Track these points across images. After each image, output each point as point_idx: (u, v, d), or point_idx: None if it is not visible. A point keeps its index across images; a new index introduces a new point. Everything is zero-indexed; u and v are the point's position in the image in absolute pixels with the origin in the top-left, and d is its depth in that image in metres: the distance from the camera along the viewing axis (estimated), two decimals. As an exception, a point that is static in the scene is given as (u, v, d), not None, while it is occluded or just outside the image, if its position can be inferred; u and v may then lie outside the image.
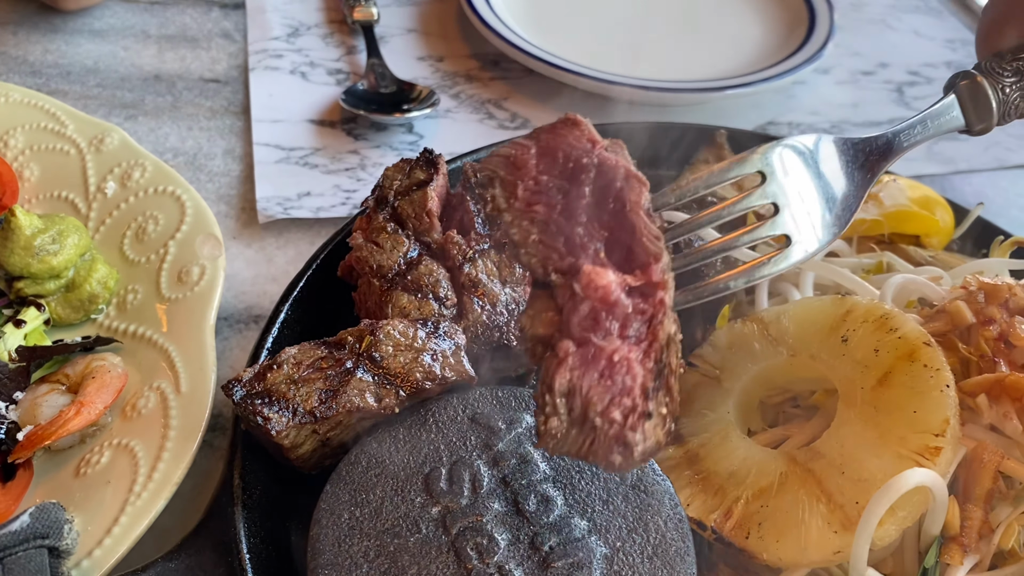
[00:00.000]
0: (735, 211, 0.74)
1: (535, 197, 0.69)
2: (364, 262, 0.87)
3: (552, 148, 0.70)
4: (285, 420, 0.74)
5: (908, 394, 0.74)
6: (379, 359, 0.79)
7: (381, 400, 0.77)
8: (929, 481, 0.68)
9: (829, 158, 0.78)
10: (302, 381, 0.77)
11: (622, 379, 0.65)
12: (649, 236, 0.68)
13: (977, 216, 1.09)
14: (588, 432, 0.65)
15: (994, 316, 0.81)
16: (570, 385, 0.65)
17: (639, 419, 0.64)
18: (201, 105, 1.39)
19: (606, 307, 0.66)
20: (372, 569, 0.70)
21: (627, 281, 0.67)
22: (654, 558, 0.72)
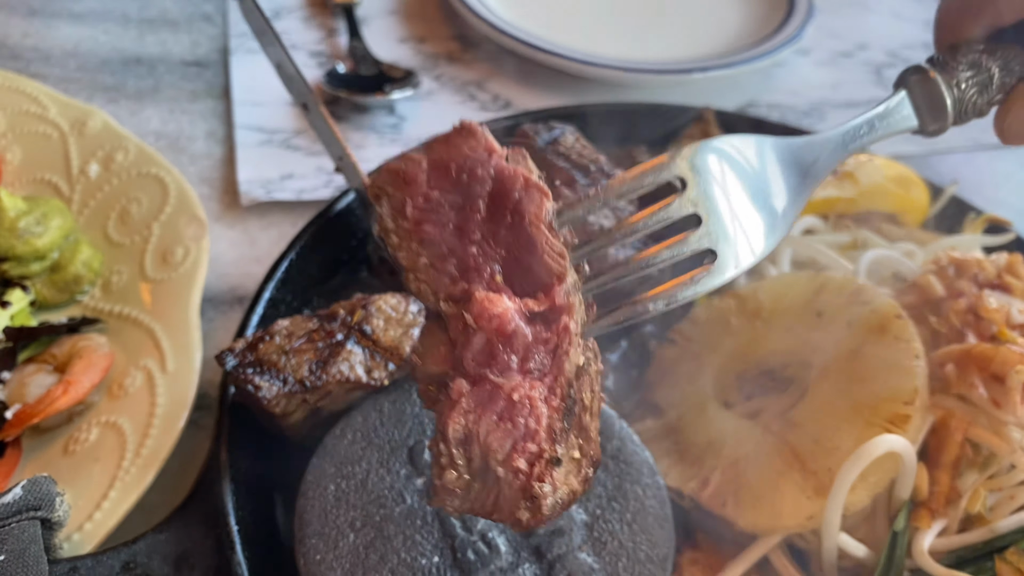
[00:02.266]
0: (651, 224, 0.61)
1: (424, 215, 0.61)
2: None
3: (445, 160, 0.61)
4: (276, 389, 0.76)
5: (880, 365, 0.76)
6: (370, 332, 0.80)
7: (370, 372, 0.79)
8: (899, 448, 0.70)
9: (764, 162, 0.65)
10: (293, 352, 0.78)
11: (524, 420, 0.56)
12: (551, 253, 0.59)
13: (951, 194, 1.11)
14: (492, 485, 0.56)
15: (963, 289, 0.83)
16: (466, 431, 0.56)
17: (546, 466, 0.55)
18: (182, 88, 1.39)
19: (503, 338, 0.57)
20: (358, 538, 0.71)
21: (527, 306, 0.58)
22: (633, 525, 0.74)
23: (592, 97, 1.36)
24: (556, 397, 0.56)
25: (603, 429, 0.79)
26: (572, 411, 0.57)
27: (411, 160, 0.61)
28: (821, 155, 0.68)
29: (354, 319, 0.81)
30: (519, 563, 0.71)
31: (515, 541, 0.72)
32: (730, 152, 0.62)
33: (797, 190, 0.65)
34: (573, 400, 0.57)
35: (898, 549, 0.73)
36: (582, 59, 1.37)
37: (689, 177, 0.60)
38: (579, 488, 0.57)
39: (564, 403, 0.56)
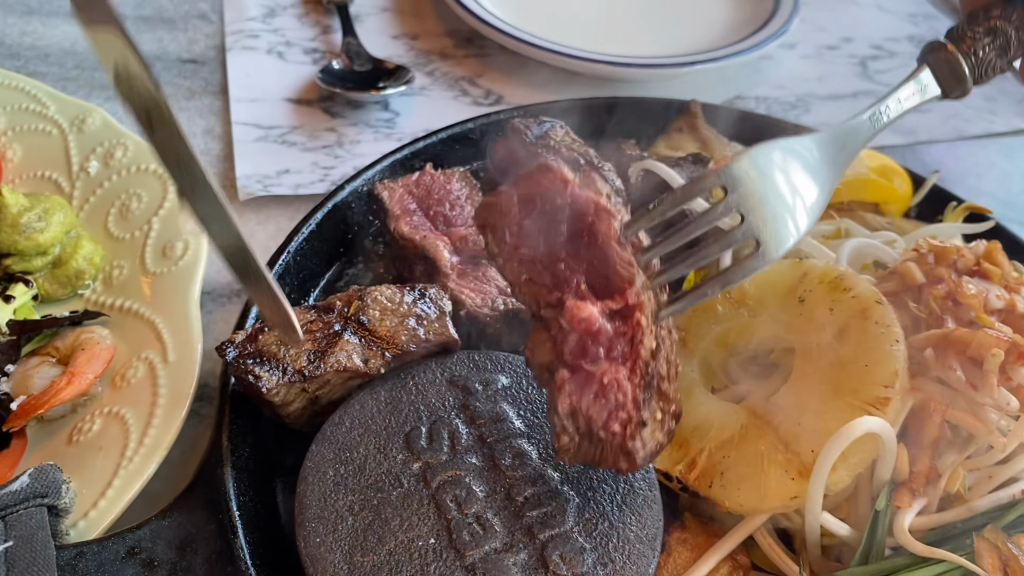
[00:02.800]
0: (701, 226, 0.74)
1: (520, 240, 0.75)
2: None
3: (530, 194, 0.75)
4: (275, 379, 0.78)
5: (861, 349, 0.78)
6: (366, 322, 0.82)
7: (367, 361, 0.81)
8: (879, 429, 0.73)
9: (796, 162, 0.76)
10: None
11: (614, 396, 0.70)
12: (622, 263, 0.72)
13: (933, 184, 1.14)
14: (596, 443, 0.71)
15: (942, 276, 0.85)
16: (571, 407, 0.71)
17: (636, 428, 0.70)
18: (179, 85, 1.41)
19: (590, 336, 0.71)
20: (357, 521, 0.73)
21: (607, 307, 0.72)
22: (623, 506, 0.76)
23: (583, 92, 1.38)
24: (637, 375, 0.71)
25: (594, 414, 0.82)
26: (651, 384, 0.71)
27: (504, 195, 0.75)
28: (849, 142, 0.81)
29: (351, 310, 0.83)
30: (513, 544, 0.73)
31: (509, 523, 0.74)
32: (762, 159, 0.75)
33: (827, 178, 0.78)
34: (651, 375, 0.71)
35: (879, 527, 0.75)
36: (572, 54, 1.39)
37: (729, 185, 0.73)
38: (664, 440, 0.73)
39: (644, 379, 0.71)
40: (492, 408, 0.82)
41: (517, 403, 0.83)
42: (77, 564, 0.70)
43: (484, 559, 0.72)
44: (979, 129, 1.48)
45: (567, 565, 0.72)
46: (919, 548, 0.74)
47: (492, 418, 0.81)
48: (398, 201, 0.93)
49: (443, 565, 0.71)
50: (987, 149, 1.45)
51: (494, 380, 0.84)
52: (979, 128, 1.48)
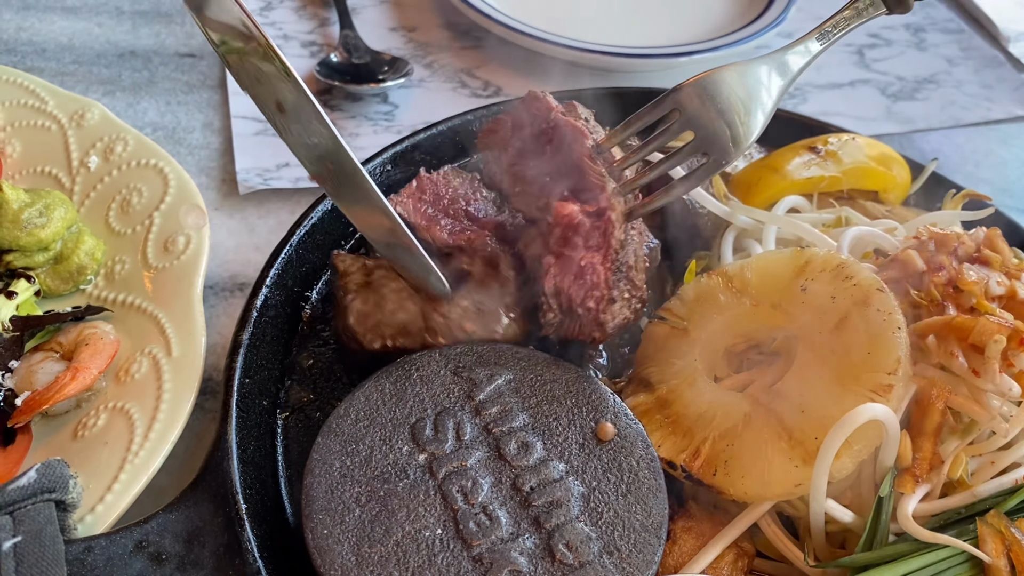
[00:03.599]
0: (659, 143, 0.88)
1: (514, 159, 0.93)
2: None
3: (520, 120, 0.93)
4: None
5: (863, 337, 0.79)
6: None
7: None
8: (882, 415, 0.73)
9: (746, 80, 0.88)
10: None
11: (590, 277, 0.84)
12: (594, 174, 0.87)
13: (932, 172, 1.14)
14: (575, 318, 0.86)
15: (943, 263, 0.86)
16: (555, 287, 0.85)
17: (607, 304, 0.85)
18: (178, 80, 1.40)
19: (571, 228, 0.85)
20: (364, 513, 0.74)
21: (585, 209, 0.85)
22: (628, 495, 0.77)
23: (582, 83, 1.38)
24: (608, 262, 0.85)
25: (596, 404, 0.82)
26: (620, 269, 0.86)
27: (499, 122, 0.96)
28: (798, 60, 0.93)
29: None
30: (519, 533, 0.74)
31: (515, 513, 0.75)
32: (712, 82, 0.86)
33: (777, 89, 0.90)
34: (621, 263, 0.86)
35: (883, 514, 0.76)
36: (571, 45, 1.39)
37: (680, 105, 0.86)
38: (630, 316, 0.88)
39: (614, 265, 0.85)
40: (497, 399, 0.82)
41: (521, 394, 0.83)
42: (85, 558, 0.70)
43: (491, 549, 0.72)
44: (976, 116, 1.48)
45: (573, 553, 0.72)
46: (923, 534, 0.74)
47: (497, 409, 0.81)
48: (415, 212, 0.93)
49: (450, 555, 0.72)
50: (984, 136, 1.46)
51: (498, 372, 0.84)
52: (976, 116, 1.48)
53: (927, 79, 1.55)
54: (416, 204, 0.93)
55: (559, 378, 0.85)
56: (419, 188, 0.95)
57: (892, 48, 1.61)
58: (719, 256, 1.00)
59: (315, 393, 0.92)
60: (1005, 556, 0.74)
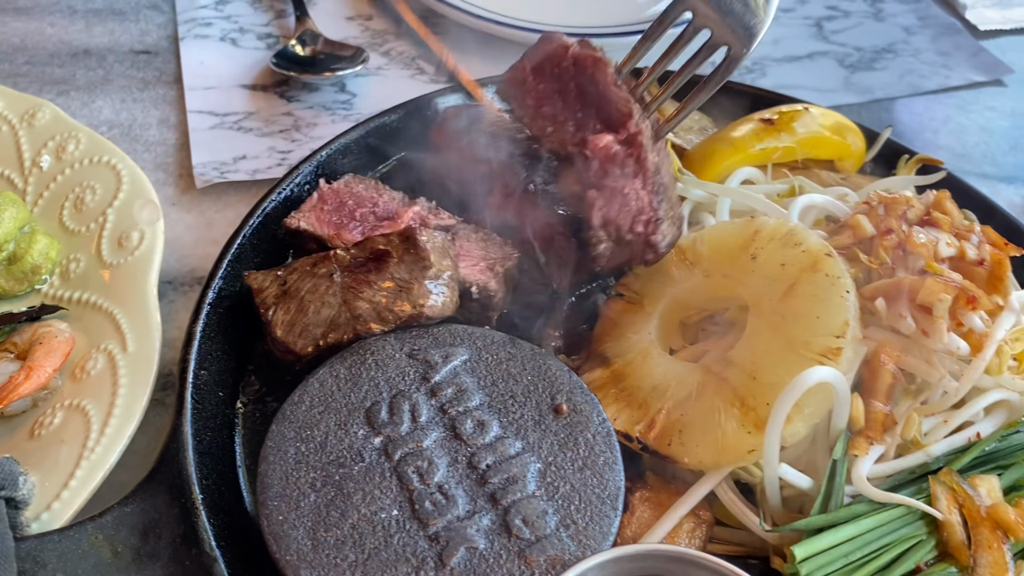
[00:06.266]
0: (678, 52, 0.92)
1: (540, 101, 0.95)
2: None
3: (539, 62, 0.95)
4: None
5: (811, 302, 0.79)
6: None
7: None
8: (830, 378, 0.74)
9: None
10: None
11: (635, 203, 0.87)
12: (620, 101, 0.89)
13: (887, 139, 1.14)
14: (624, 245, 0.89)
15: (892, 227, 0.86)
16: (604, 219, 0.87)
17: (655, 225, 0.87)
18: (133, 77, 1.39)
19: (609, 159, 0.87)
20: (319, 497, 0.74)
21: (617, 138, 0.88)
22: (584, 469, 0.77)
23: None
24: (648, 183, 0.87)
25: (552, 381, 0.82)
26: (658, 190, 0.88)
27: (517, 68, 0.97)
28: None
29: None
30: (476, 511, 0.74)
31: (472, 491, 0.75)
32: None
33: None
34: (658, 184, 0.88)
35: (837, 476, 0.76)
36: (526, 27, 1.38)
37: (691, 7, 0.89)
38: (676, 232, 0.90)
39: (654, 187, 0.87)
40: (453, 379, 0.82)
41: (477, 374, 0.83)
42: (38, 555, 0.70)
43: (447, 527, 0.72)
44: (934, 84, 1.49)
45: (530, 528, 0.73)
46: (877, 494, 0.75)
47: (453, 390, 0.81)
48: (320, 223, 0.94)
49: (406, 535, 0.72)
50: (942, 103, 1.46)
51: (454, 353, 0.84)
52: (934, 83, 1.49)
53: (885, 49, 1.55)
54: (319, 215, 0.94)
55: (515, 356, 0.85)
56: (320, 200, 0.97)
57: (850, 19, 1.62)
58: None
59: (274, 383, 0.91)
60: (957, 512, 0.75)
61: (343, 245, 0.90)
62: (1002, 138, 1.41)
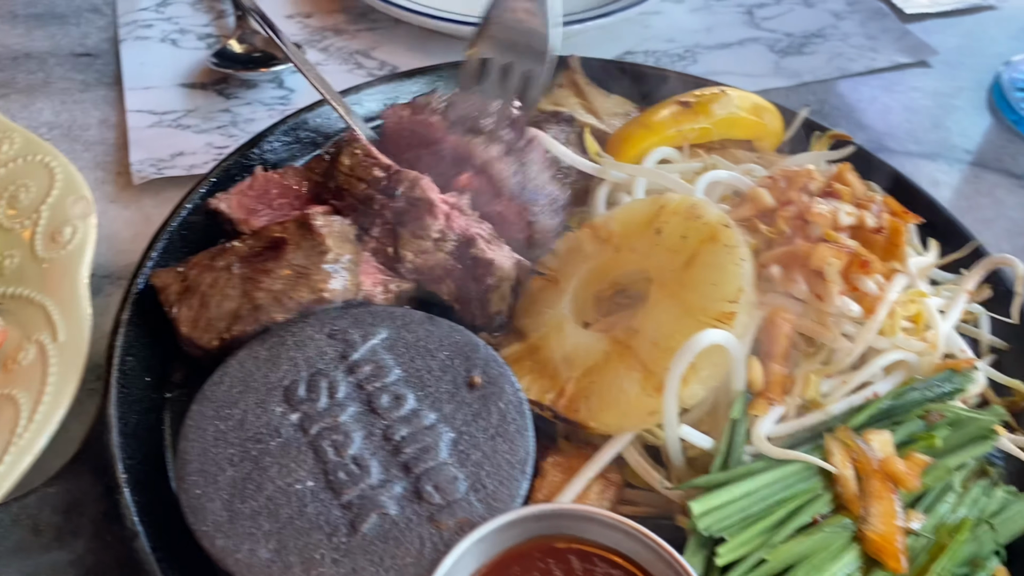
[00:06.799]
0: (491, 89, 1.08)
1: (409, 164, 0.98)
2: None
3: (390, 135, 1.04)
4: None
5: (709, 271, 0.83)
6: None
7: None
8: (722, 340, 0.77)
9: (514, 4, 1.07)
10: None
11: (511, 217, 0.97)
12: (459, 146, 0.97)
13: (805, 118, 1.18)
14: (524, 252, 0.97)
15: (792, 198, 0.90)
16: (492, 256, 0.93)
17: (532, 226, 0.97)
18: (74, 79, 1.41)
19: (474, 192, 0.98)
20: (236, 471, 0.76)
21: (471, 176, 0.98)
22: (496, 437, 0.80)
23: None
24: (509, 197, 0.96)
25: (468, 355, 0.85)
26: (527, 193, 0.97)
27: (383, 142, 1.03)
28: None
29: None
30: (389, 479, 0.77)
31: (386, 461, 0.78)
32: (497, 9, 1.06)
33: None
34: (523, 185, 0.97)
35: (736, 436, 0.80)
36: (463, 20, 1.41)
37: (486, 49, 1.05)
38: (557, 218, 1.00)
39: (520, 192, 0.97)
40: (371, 357, 0.85)
41: (395, 351, 0.86)
42: (-39, 533, 0.72)
43: (360, 496, 0.75)
44: (861, 67, 1.53)
45: (441, 494, 0.76)
46: (775, 451, 0.78)
47: (371, 367, 0.84)
48: (237, 207, 0.96)
49: (320, 505, 0.75)
50: (869, 85, 1.51)
51: (373, 332, 0.87)
52: (861, 65, 1.53)
53: (815, 34, 1.60)
54: (241, 200, 0.97)
55: (432, 333, 0.87)
56: (250, 186, 0.99)
57: (781, 6, 1.66)
58: (594, 212, 1.03)
59: (202, 369, 0.93)
60: (851, 466, 0.78)
61: (247, 231, 0.92)
62: (925, 117, 1.46)
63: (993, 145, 1.42)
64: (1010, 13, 1.71)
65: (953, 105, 1.49)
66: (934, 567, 0.76)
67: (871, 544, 0.75)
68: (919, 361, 0.87)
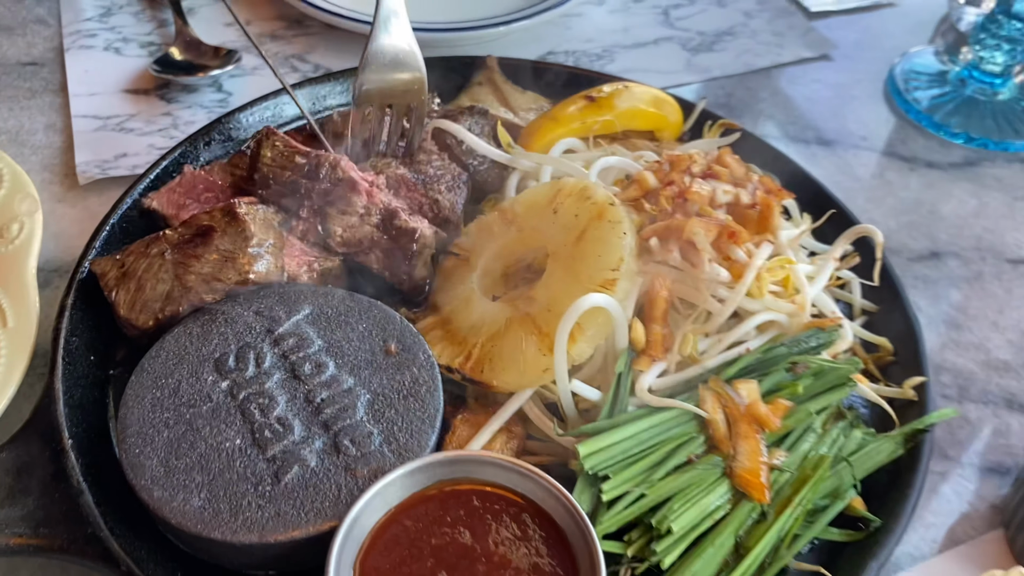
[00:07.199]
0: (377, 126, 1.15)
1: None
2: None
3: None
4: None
5: (596, 244, 0.93)
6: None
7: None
8: (603, 302, 0.87)
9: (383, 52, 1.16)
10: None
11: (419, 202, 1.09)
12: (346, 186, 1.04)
13: (703, 109, 1.29)
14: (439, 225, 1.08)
15: (674, 180, 1.00)
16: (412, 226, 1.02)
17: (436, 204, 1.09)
18: (20, 87, 1.48)
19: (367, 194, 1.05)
20: (171, 433, 0.85)
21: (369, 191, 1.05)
22: (408, 397, 0.89)
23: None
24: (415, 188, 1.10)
25: (385, 326, 0.95)
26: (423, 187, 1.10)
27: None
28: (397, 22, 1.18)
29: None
30: (310, 436, 0.86)
31: (307, 420, 0.87)
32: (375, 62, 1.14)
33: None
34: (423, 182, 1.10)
35: (621, 388, 0.89)
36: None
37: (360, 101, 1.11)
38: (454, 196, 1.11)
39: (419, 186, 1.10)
40: (295, 331, 0.94)
41: (318, 325, 0.95)
42: (-81, 494, 0.80)
43: (284, 451, 0.84)
44: (767, 61, 1.64)
45: (356, 447, 0.85)
46: (654, 401, 0.89)
47: (295, 340, 0.93)
48: (168, 203, 1.05)
49: (247, 459, 0.83)
50: (773, 78, 1.62)
51: (297, 308, 0.96)
52: (767, 60, 1.64)
53: (725, 32, 1.71)
54: (170, 197, 1.06)
55: (352, 308, 0.97)
56: (180, 183, 1.08)
57: (695, 6, 1.77)
58: (505, 198, 1.13)
59: (144, 349, 1.01)
60: (722, 411, 0.89)
61: (176, 223, 1.01)
62: (824, 107, 1.57)
63: (885, 131, 1.54)
64: (907, 10, 1.84)
65: (851, 95, 1.61)
66: (796, 498, 0.87)
67: (739, 479, 0.85)
68: (789, 321, 0.97)
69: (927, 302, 1.24)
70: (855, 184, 1.43)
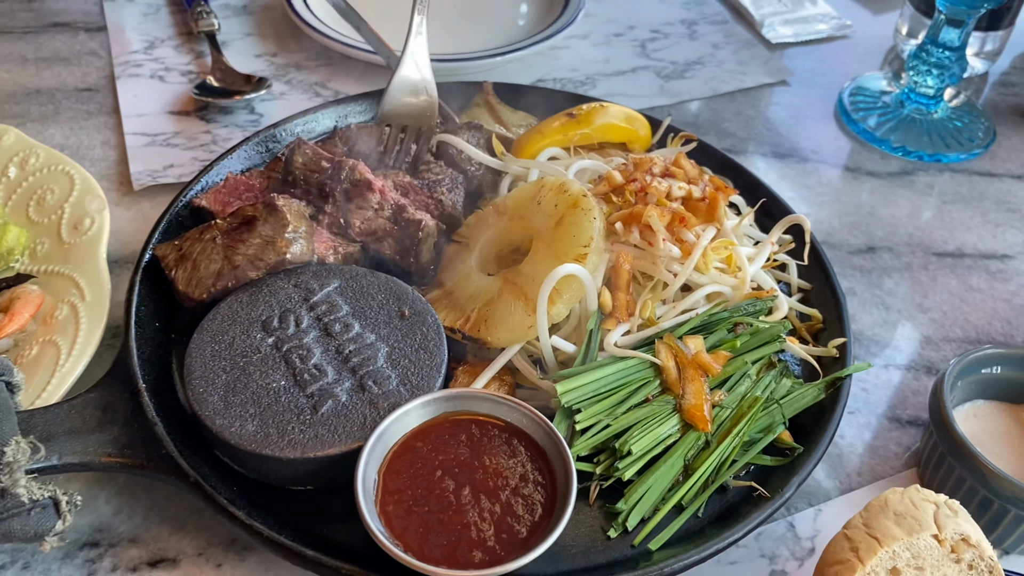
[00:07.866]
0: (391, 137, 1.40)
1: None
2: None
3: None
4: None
5: (571, 227, 1.14)
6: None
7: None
8: (575, 271, 1.08)
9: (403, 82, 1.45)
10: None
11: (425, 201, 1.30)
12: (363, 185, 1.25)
13: (668, 124, 1.51)
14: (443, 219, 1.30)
15: (637, 177, 1.22)
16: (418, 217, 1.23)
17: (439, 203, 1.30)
18: (79, 110, 1.70)
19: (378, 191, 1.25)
20: (228, 376, 1.05)
21: (383, 190, 1.26)
22: (420, 350, 1.10)
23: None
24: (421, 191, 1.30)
25: (399, 296, 1.15)
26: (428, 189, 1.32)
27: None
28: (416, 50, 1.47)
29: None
30: (341, 378, 1.06)
31: (338, 367, 1.07)
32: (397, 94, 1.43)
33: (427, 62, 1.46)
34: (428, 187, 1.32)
35: (592, 342, 1.10)
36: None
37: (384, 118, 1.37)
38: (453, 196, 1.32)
39: (425, 190, 1.31)
40: (326, 300, 1.15)
41: (346, 295, 1.15)
42: (29, 420, 1.00)
43: (320, 389, 1.04)
44: (731, 86, 1.86)
45: (378, 386, 1.05)
46: (619, 352, 1.09)
47: (327, 306, 1.14)
48: (215, 202, 1.26)
49: (290, 396, 1.04)
50: (736, 101, 1.84)
51: (328, 282, 1.17)
52: (732, 85, 1.87)
53: (695, 61, 1.93)
54: (217, 197, 1.27)
55: (373, 283, 1.17)
56: (224, 185, 1.29)
57: (669, 39, 2.00)
58: (499, 197, 1.34)
59: (199, 318, 1.22)
60: (673, 361, 1.09)
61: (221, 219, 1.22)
62: (780, 125, 1.79)
63: (834, 146, 1.76)
64: (858, 41, 2.07)
65: (805, 115, 1.83)
66: (735, 430, 1.07)
67: (686, 413, 1.06)
68: (732, 292, 1.18)
69: (863, 288, 1.45)
70: (805, 191, 1.64)
